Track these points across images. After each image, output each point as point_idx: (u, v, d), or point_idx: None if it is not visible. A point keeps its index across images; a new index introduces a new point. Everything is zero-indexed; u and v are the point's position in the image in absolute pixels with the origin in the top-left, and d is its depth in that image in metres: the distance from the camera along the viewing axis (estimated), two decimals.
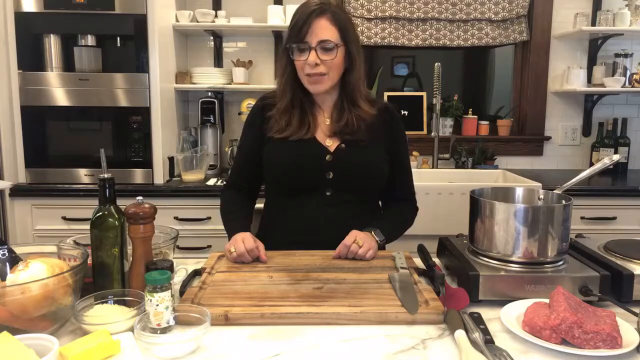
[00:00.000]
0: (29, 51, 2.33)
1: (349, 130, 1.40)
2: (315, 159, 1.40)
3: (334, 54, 1.33)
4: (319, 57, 1.32)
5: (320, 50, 1.32)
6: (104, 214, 1.04)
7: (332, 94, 1.44)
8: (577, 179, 1.25)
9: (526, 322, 0.93)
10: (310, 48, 1.32)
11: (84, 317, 0.93)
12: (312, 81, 1.36)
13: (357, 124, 1.40)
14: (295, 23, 1.34)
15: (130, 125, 2.38)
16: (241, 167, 1.54)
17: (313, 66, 1.32)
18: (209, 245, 2.41)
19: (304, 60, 1.33)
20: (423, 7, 2.93)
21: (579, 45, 2.98)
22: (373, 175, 1.45)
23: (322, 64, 1.32)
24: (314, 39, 1.31)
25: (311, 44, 1.32)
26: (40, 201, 2.37)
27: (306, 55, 1.32)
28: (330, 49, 1.32)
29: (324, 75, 1.34)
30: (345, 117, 1.40)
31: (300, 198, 1.43)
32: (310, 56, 1.31)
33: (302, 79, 1.38)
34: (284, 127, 1.40)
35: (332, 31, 1.32)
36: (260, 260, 1.28)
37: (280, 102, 1.42)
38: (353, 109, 1.41)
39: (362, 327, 0.97)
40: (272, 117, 1.43)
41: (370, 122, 1.42)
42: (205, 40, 2.92)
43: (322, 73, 1.34)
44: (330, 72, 1.35)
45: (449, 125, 3.04)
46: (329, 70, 1.34)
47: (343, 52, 1.35)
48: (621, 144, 2.89)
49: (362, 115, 1.40)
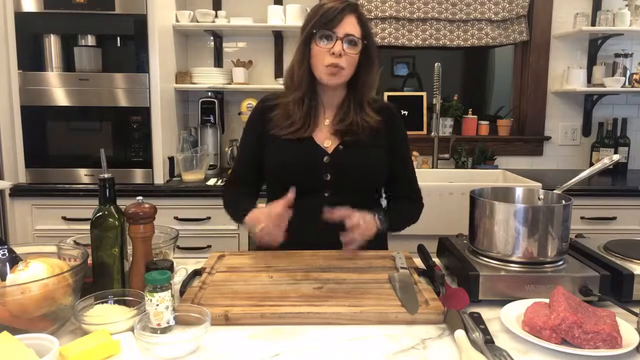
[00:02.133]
0: (29, 51, 2.33)
1: (352, 131, 1.40)
2: (313, 160, 1.41)
3: (358, 49, 1.36)
4: (343, 49, 1.34)
5: (345, 44, 1.34)
6: (104, 214, 1.04)
7: (339, 94, 1.44)
8: (577, 179, 1.25)
9: (526, 322, 0.93)
10: (337, 38, 1.34)
11: (84, 317, 0.93)
12: (330, 72, 1.36)
13: (361, 126, 1.41)
14: (327, 12, 1.35)
15: (130, 125, 2.38)
16: (242, 168, 1.54)
17: (337, 56, 1.34)
18: (209, 245, 2.41)
19: (328, 48, 1.34)
20: (423, 7, 2.93)
21: (579, 45, 2.98)
22: (372, 177, 1.45)
23: (344, 57, 1.34)
24: (342, 31, 1.34)
25: (339, 34, 1.34)
26: (40, 201, 2.38)
27: (331, 44, 1.34)
28: (354, 44, 1.35)
29: (342, 69, 1.36)
30: (350, 118, 1.41)
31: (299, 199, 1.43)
32: (336, 45, 1.33)
33: (319, 69, 1.37)
34: (287, 124, 1.40)
35: (357, 29, 1.36)
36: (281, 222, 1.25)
37: (295, 93, 1.41)
38: (360, 112, 1.42)
39: (362, 327, 0.97)
40: (276, 114, 1.43)
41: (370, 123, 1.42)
42: (205, 40, 2.92)
43: (342, 66, 1.35)
44: (348, 68, 1.36)
45: (449, 125, 3.04)
46: (348, 65, 1.36)
47: (360, 51, 1.37)
48: (621, 144, 2.89)
49: (367, 119, 1.41)
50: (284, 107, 1.42)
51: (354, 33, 1.34)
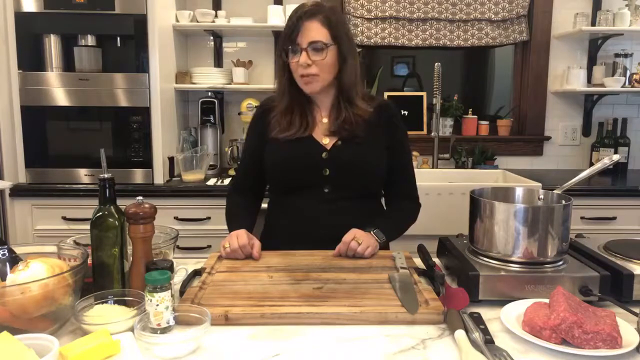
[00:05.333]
0: (29, 51, 2.33)
1: (347, 127, 1.42)
2: (312, 156, 1.43)
3: (324, 54, 1.35)
4: (310, 58, 1.34)
5: (311, 52, 1.35)
6: (104, 214, 1.04)
7: (329, 94, 1.46)
8: (577, 179, 1.25)
9: (526, 322, 0.93)
10: (301, 49, 1.35)
11: (84, 317, 0.93)
12: (305, 82, 1.39)
13: (354, 121, 1.42)
14: (288, 25, 1.38)
15: (130, 125, 2.38)
16: (246, 170, 1.58)
17: (305, 67, 1.35)
18: (209, 245, 2.41)
19: (296, 62, 1.36)
20: (423, 7, 2.93)
21: (579, 45, 2.98)
22: (370, 172, 1.46)
23: (314, 65, 1.35)
24: (305, 40, 1.35)
25: (302, 45, 1.35)
26: (40, 201, 2.38)
27: (298, 57, 1.36)
28: (320, 50, 1.35)
29: (316, 75, 1.37)
30: (343, 115, 1.42)
31: (299, 196, 1.45)
32: (302, 57, 1.35)
33: (297, 80, 1.41)
34: (286, 127, 1.43)
35: (322, 32, 1.35)
36: (253, 258, 1.30)
37: (281, 103, 1.45)
38: (350, 107, 1.43)
39: (362, 327, 0.97)
40: (274, 119, 1.46)
41: (369, 120, 1.44)
42: (205, 40, 2.92)
43: (314, 74, 1.36)
44: (322, 73, 1.37)
45: (449, 125, 3.04)
46: (321, 70, 1.37)
47: (335, 53, 1.37)
48: (621, 144, 2.89)
49: (359, 113, 1.43)
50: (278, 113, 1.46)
51: (319, 38, 1.34)
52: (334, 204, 1.43)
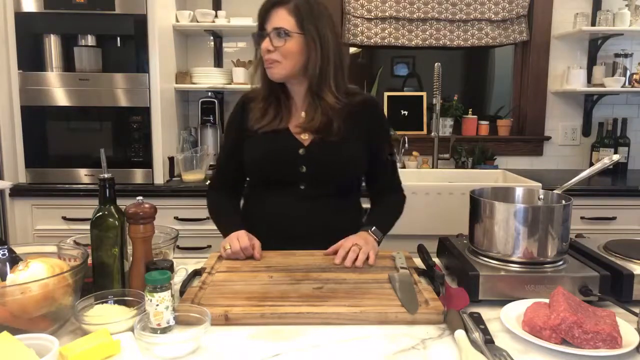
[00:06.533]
0: (29, 51, 2.33)
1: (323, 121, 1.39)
2: (289, 152, 1.42)
3: (284, 41, 1.35)
4: (272, 44, 1.35)
5: (274, 37, 1.35)
6: (104, 214, 1.04)
7: (302, 85, 1.44)
8: (577, 179, 1.25)
9: (526, 322, 0.93)
10: (266, 35, 1.36)
11: (84, 317, 0.93)
12: (267, 66, 1.39)
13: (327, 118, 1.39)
14: (260, 13, 1.39)
15: (130, 125, 2.38)
16: (223, 165, 1.56)
17: (266, 52, 1.36)
18: (209, 245, 2.41)
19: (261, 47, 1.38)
20: (423, 7, 2.93)
21: (579, 45, 2.98)
22: (348, 170, 1.46)
23: (276, 51, 1.35)
24: (270, 26, 1.36)
25: (267, 30, 1.36)
26: (40, 201, 2.37)
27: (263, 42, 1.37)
28: (282, 36, 1.35)
29: (276, 62, 1.37)
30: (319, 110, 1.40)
31: (275, 191, 1.45)
32: (264, 42, 1.36)
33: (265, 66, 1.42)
34: (260, 116, 1.43)
35: (287, 20, 1.35)
36: (254, 258, 1.31)
37: (259, 93, 1.46)
38: (317, 100, 1.40)
39: (362, 327, 0.97)
40: (254, 107, 1.46)
41: (349, 115, 1.41)
42: (205, 40, 2.92)
43: (274, 59, 1.37)
44: (284, 60, 1.36)
45: (449, 125, 3.04)
46: (283, 57, 1.36)
47: (300, 42, 1.36)
48: (621, 144, 2.89)
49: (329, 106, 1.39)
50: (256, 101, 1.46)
51: (283, 25, 1.34)
52: (311, 200, 1.43)
